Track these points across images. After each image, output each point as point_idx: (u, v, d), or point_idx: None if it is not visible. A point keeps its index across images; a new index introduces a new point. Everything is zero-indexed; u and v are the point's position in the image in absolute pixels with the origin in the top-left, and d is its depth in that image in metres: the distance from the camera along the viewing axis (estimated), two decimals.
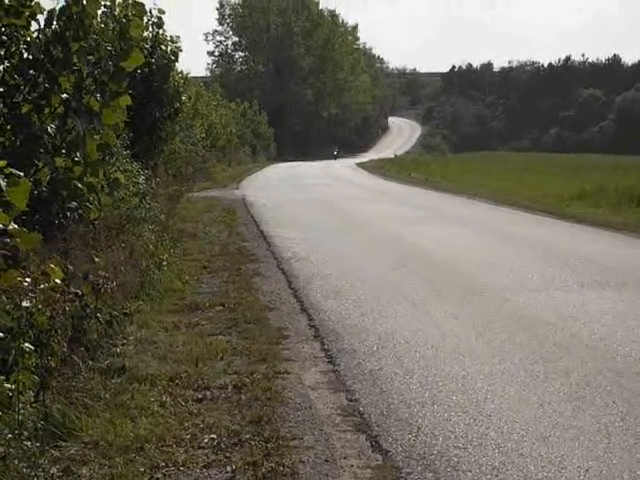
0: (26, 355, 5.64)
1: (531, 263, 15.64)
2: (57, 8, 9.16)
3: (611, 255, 16.85)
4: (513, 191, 31.94)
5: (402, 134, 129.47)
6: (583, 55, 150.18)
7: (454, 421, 7.06)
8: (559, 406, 7.42)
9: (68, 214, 9.43)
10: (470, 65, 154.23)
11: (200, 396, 7.67)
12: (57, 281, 6.15)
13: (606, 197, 27.60)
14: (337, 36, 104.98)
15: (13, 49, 8.35)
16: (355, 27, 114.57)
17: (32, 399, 5.83)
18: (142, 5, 12.13)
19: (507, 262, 15.73)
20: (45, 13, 8.87)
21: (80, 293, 8.18)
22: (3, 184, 5.37)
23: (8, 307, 5.33)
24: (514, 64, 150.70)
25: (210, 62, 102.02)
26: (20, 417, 5.52)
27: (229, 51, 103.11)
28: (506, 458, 6.26)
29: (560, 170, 47.40)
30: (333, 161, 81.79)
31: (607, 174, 39.24)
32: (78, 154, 9.34)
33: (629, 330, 10.16)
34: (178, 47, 20.10)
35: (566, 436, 6.69)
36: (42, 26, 8.88)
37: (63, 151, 9.11)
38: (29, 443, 5.57)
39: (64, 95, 8.95)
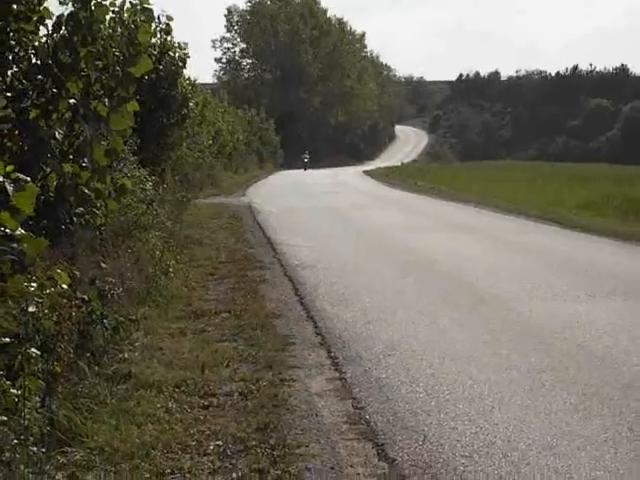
0: (32, 360, 5.64)
1: (539, 272, 15.63)
2: (65, 13, 9.17)
3: (619, 265, 16.84)
4: (519, 200, 31.91)
5: (409, 142, 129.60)
6: (591, 64, 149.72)
7: (460, 430, 7.05)
8: (566, 415, 7.41)
9: (75, 220, 9.42)
10: (478, 73, 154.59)
11: (206, 403, 7.67)
12: (64, 286, 6.15)
13: (612, 207, 27.58)
14: (345, 44, 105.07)
15: (21, 54, 8.35)
16: (363, 35, 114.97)
17: (38, 404, 5.82)
18: (151, 11, 12.13)
19: (514, 271, 15.72)
20: (53, 18, 8.88)
21: (86, 299, 8.20)
22: (10, 189, 5.37)
23: (14, 312, 5.33)
24: (522, 73, 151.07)
25: (217, 69, 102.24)
26: (26, 422, 5.51)
27: (236, 58, 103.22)
28: (513, 468, 6.24)
29: (567, 179, 47.34)
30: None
31: (613, 184, 39.18)
32: (85, 160, 9.34)
33: (635, 340, 10.16)
34: (186, 54, 20.19)
35: (573, 446, 6.67)
36: (50, 31, 8.89)
37: (70, 157, 9.11)
38: (35, 449, 5.55)
39: (72, 100, 8.96)
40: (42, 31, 8.70)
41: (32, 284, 5.67)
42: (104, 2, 9.71)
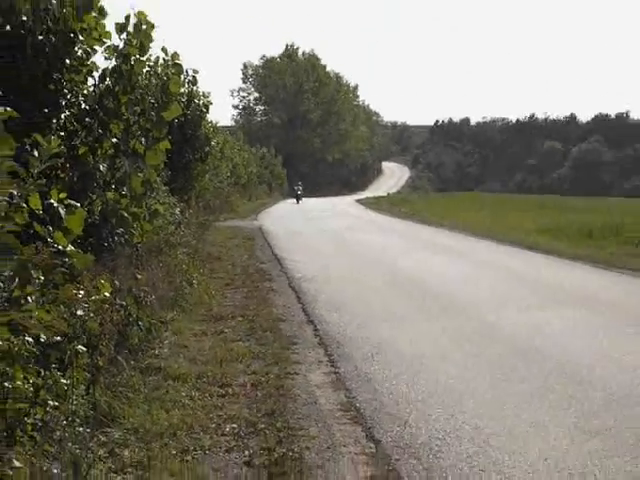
0: (79, 356, 5.64)
1: (505, 286, 15.65)
2: (110, 67, 9.22)
3: (572, 280, 16.86)
4: (486, 225, 31.90)
5: (394, 176, 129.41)
6: (545, 113, 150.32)
7: (435, 416, 7.05)
8: (525, 405, 7.42)
9: (116, 238, 9.44)
10: (451, 120, 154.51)
11: (223, 392, 7.68)
12: (106, 294, 6.17)
13: (565, 232, 27.57)
14: (340, 94, 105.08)
15: (73, 100, 8.37)
16: (356, 87, 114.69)
17: (84, 392, 5.83)
18: (180, 66, 12.25)
19: (485, 285, 15.72)
20: (100, 71, 8.92)
21: (125, 304, 8.20)
22: (63, 212, 5.40)
23: (65, 315, 5.34)
24: (487, 119, 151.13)
25: (235, 114, 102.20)
26: (73, 407, 5.51)
27: (251, 105, 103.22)
28: (478, 448, 6.25)
29: (525, 208, 47.35)
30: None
31: (564, 212, 39.22)
32: (125, 189, 9.38)
33: (583, 341, 10.17)
34: (209, 101, 20.21)
35: (529, 430, 6.68)
36: (97, 81, 8.93)
37: (112, 186, 9.15)
38: (81, 429, 5.56)
39: (114, 139, 9.00)
40: (90, 81, 8.74)
41: (80, 292, 5.67)
42: (142, 58, 9.76)
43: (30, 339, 4.68)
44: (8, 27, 7.48)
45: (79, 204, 5.64)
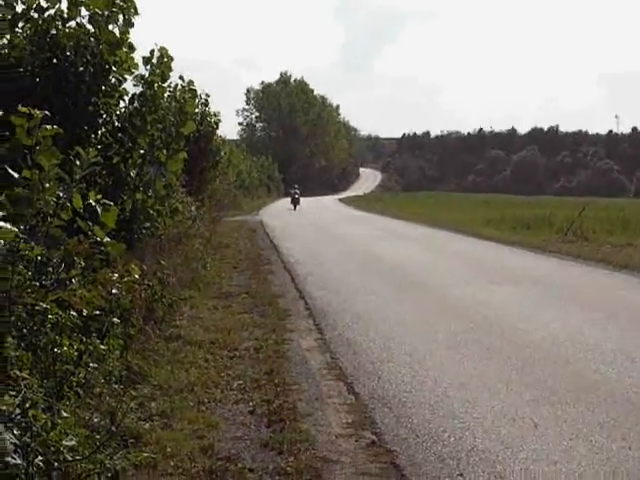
0: (114, 326, 5.63)
1: (457, 267, 15.70)
2: (137, 92, 9.20)
3: (512, 261, 16.95)
4: (441, 218, 31.95)
5: (368, 179, 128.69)
6: (491, 127, 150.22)
7: (403, 373, 7.07)
8: (473, 363, 7.43)
9: (144, 231, 9.43)
10: (415, 133, 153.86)
11: (232, 355, 7.69)
12: (135, 276, 6.15)
13: (505, 223, 27.63)
14: (325, 112, 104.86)
15: (108, 119, 8.35)
16: (337, 107, 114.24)
17: (118, 356, 5.82)
18: (195, 91, 12.27)
19: (440, 266, 15.77)
20: (129, 95, 8.89)
21: (151, 284, 8.19)
22: (99, 210, 5.38)
23: (102, 293, 5.33)
24: (445, 132, 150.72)
25: (240, 129, 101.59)
26: (110, 368, 5.51)
27: (252, 122, 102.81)
28: (438, 399, 6.28)
29: (474, 204, 47.49)
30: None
31: (505, 208, 39.28)
32: (150, 191, 9.35)
33: (522, 312, 10.21)
34: (218, 119, 20.11)
35: (478, 384, 6.70)
36: (127, 104, 8.89)
37: (140, 189, 9.11)
38: (116, 386, 5.56)
39: (141, 151, 8.96)
40: (121, 104, 8.70)
41: (114, 275, 5.66)
42: (163, 85, 9.74)
43: (74, 313, 4.68)
44: (55, 60, 7.47)
45: (113, 203, 5.61)
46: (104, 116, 8.22)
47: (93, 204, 5.35)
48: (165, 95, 10.32)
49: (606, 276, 14.34)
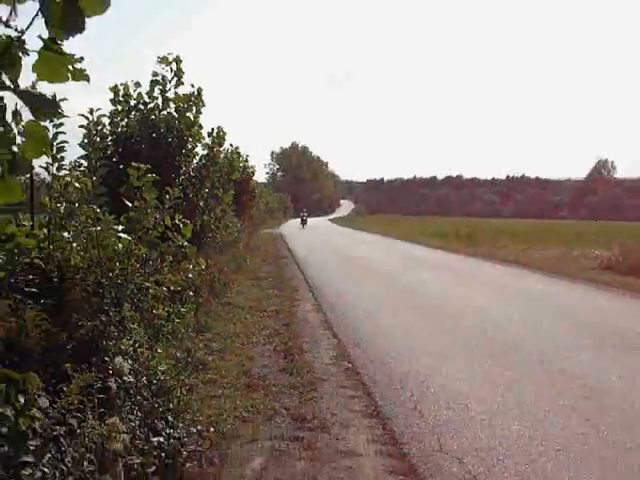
0: (189, 297, 5.62)
1: (397, 260, 15.68)
2: (204, 153, 9.18)
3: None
4: (389, 230, 31.77)
5: (346, 207, 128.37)
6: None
7: (366, 325, 7.05)
8: (412, 319, 7.42)
9: (208, 239, 9.40)
10: (377, 178, 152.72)
11: (262, 315, 7.67)
12: (203, 267, 6.14)
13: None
14: (319, 166, 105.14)
15: (186, 170, 8.34)
16: (327, 163, 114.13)
17: (192, 315, 5.82)
18: (239, 153, 12.23)
19: (392, 262, 15.74)
20: (199, 155, 8.87)
21: (212, 272, 8.18)
22: (181, 226, 5.39)
23: (183, 277, 5.33)
24: (393, 177, 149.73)
25: (267, 176, 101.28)
26: (187, 322, 5.50)
27: (275, 172, 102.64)
28: (389, 341, 6.25)
29: (409, 222, 47.29)
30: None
31: (428, 225, 39.09)
32: (212, 214, 9.33)
33: (445, 285, 10.18)
34: (254, 170, 19.97)
35: (416, 332, 6.68)
36: (197, 161, 8.87)
37: (206, 212, 9.09)
38: (192, 333, 5.56)
39: (206, 189, 8.94)
40: (194, 161, 8.68)
41: (190, 266, 5.66)
42: (220, 149, 9.73)
43: (165, 289, 4.68)
44: (154, 134, 7.50)
45: (189, 222, 5.63)
46: (183, 168, 8.22)
47: (177, 222, 5.36)
48: (221, 155, 10.29)
49: (490, 267, 14.36)
